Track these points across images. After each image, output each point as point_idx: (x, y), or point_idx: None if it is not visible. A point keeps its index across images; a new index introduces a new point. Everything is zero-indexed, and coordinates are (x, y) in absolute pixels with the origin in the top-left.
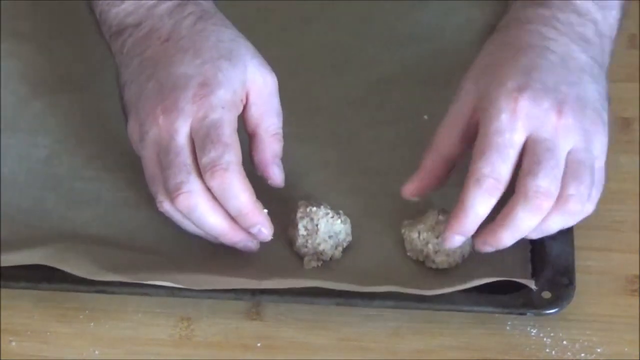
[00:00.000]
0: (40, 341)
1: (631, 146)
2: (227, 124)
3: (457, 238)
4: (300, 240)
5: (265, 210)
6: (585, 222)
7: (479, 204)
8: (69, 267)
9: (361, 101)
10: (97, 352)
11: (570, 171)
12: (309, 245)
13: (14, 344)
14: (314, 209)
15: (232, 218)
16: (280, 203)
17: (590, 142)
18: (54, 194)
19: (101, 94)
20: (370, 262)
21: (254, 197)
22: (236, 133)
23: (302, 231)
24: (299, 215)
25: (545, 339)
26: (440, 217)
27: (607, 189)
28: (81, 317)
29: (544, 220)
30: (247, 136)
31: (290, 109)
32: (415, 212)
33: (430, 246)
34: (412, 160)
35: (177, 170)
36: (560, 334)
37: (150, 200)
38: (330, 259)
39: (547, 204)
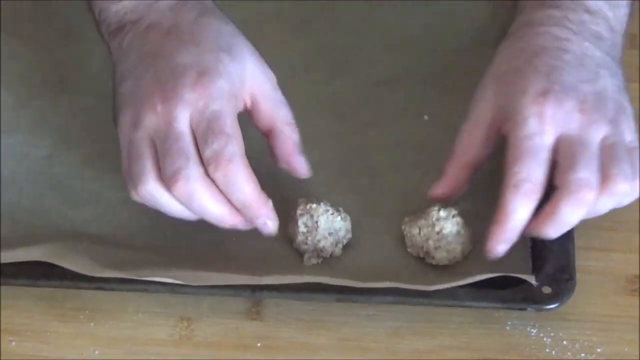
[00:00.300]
0: (40, 341)
1: None
2: (228, 115)
3: (501, 247)
4: (300, 237)
5: (271, 202)
6: (585, 222)
7: (520, 208)
8: (68, 263)
9: (361, 101)
10: (97, 352)
11: (607, 155)
12: (309, 242)
13: (14, 344)
14: (314, 205)
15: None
16: (280, 202)
17: (617, 128)
18: (54, 193)
19: (101, 95)
20: (371, 259)
21: (258, 189)
22: (237, 123)
23: (302, 228)
24: (298, 212)
25: (545, 339)
26: (441, 214)
27: None
28: (81, 317)
29: (594, 205)
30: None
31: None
32: (415, 209)
33: (430, 242)
34: (412, 160)
35: (175, 156)
36: (560, 334)
37: None
38: (330, 255)
39: (590, 195)
